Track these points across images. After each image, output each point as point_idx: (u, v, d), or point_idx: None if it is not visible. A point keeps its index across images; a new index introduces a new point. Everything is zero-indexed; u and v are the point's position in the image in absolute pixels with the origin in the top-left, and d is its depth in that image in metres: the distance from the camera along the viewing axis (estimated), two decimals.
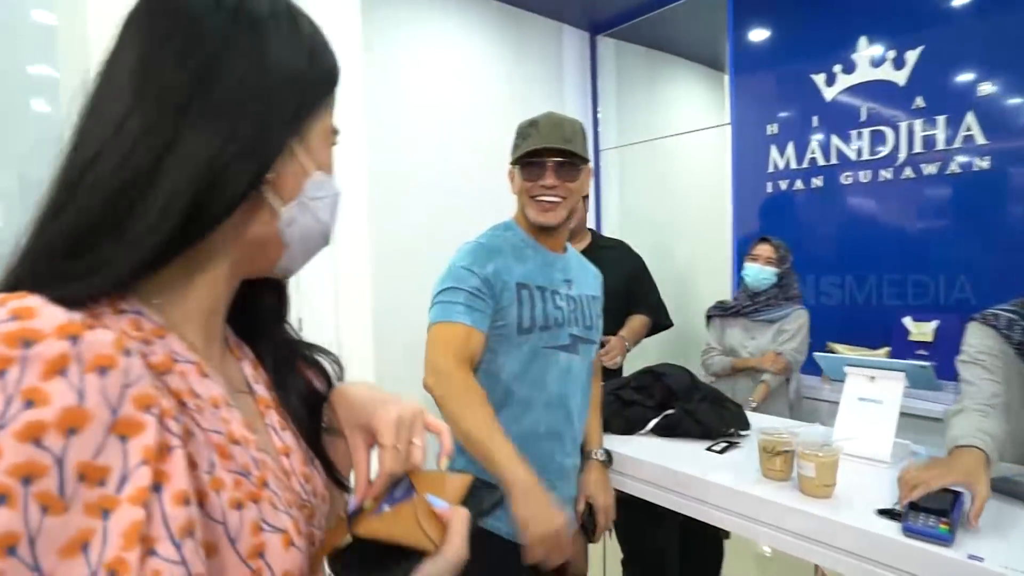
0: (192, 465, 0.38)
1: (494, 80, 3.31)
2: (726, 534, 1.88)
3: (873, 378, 1.41)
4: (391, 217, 2.83)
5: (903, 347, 2.46)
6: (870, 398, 1.40)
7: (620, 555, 1.84)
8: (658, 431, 1.60)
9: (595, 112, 3.82)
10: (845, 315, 2.69)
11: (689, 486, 1.35)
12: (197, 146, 0.40)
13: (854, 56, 2.63)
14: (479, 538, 1.42)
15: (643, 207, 4.02)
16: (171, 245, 0.40)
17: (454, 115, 3.12)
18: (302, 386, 0.56)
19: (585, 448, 1.43)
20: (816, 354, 1.57)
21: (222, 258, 0.45)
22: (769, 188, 2.96)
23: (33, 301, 0.33)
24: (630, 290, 2.31)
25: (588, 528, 1.42)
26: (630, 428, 1.61)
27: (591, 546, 1.55)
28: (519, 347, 1.26)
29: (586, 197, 2.20)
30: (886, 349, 2.49)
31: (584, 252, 1.61)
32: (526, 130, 1.28)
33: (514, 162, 1.30)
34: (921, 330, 2.43)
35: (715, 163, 3.33)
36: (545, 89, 3.56)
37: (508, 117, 3.20)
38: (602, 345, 1.83)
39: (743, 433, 1.57)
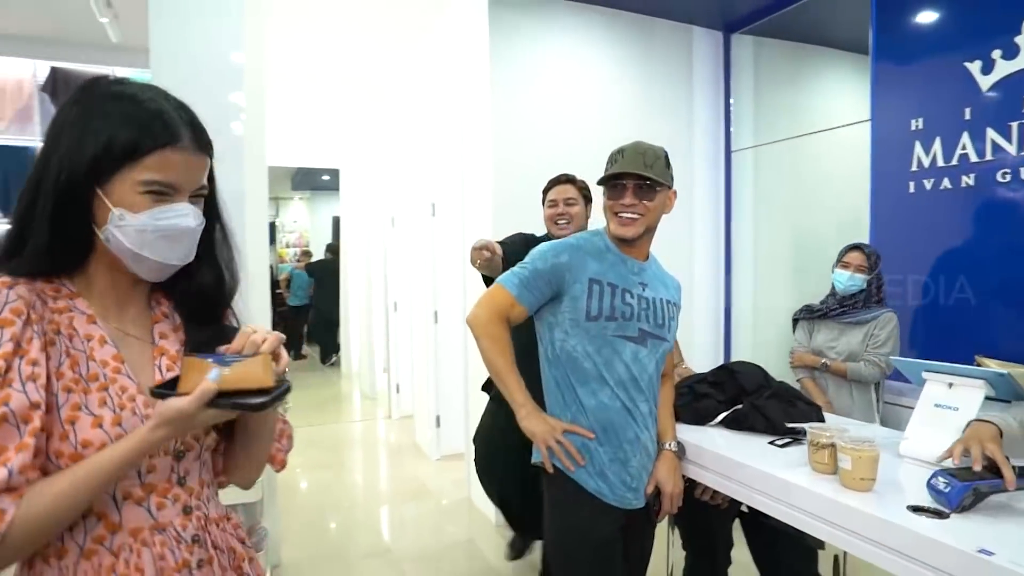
0: (47, 356, 0.68)
1: (621, 87, 3.42)
2: (820, 544, 1.79)
3: (951, 385, 1.36)
4: (516, 226, 3.06)
5: None
6: (947, 404, 1.35)
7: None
8: (726, 424, 1.67)
9: (727, 113, 3.77)
10: (999, 327, 2.41)
11: (742, 474, 1.43)
12: (52, 187, 0.70)
13: (1017, 39, 2.36)
14: (575, 495, 1.54)
15: (779, 209, 3.86)
16: (62, 247, 0.71)
17: (580, 125, 3.29)
18: None
19: (660, 440, 1.56)
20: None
21: (102, 259, 0.75)
22: (911, 188, 2.73)
23: None
24: None
25: (652, 509, 1.54)
26: (699, 419, 1.70)
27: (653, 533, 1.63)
28: (587, 331, 1.45)
29: (589, 202, 2.23)
30: None
31: None
32: (614, 156, 1.48)
33: (600, 182, 1.50)
34: None
35: (856, 161, 3.12)
36: (674, 93, 3.59)
37: (636, 123, 3.36)
38: None
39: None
